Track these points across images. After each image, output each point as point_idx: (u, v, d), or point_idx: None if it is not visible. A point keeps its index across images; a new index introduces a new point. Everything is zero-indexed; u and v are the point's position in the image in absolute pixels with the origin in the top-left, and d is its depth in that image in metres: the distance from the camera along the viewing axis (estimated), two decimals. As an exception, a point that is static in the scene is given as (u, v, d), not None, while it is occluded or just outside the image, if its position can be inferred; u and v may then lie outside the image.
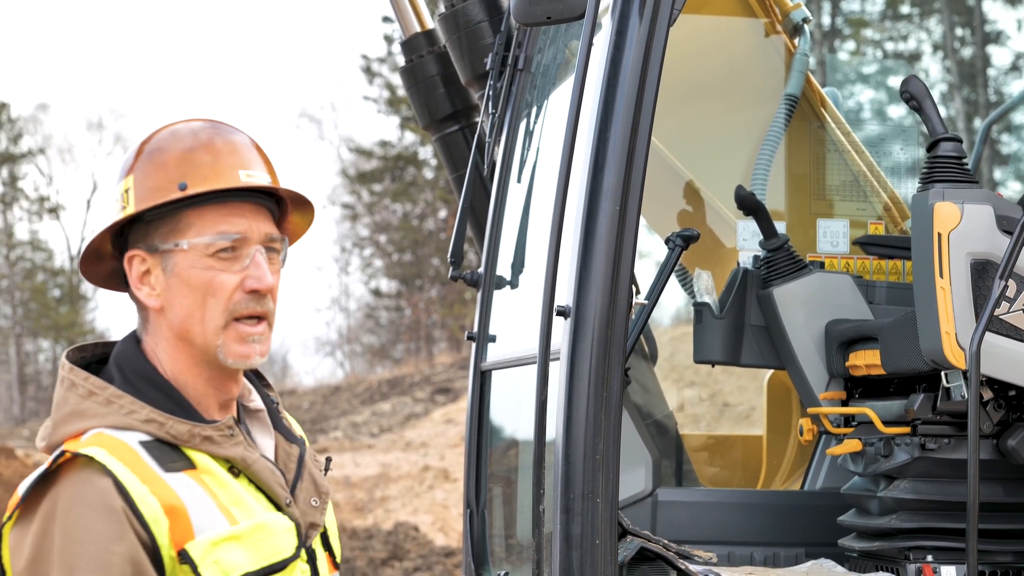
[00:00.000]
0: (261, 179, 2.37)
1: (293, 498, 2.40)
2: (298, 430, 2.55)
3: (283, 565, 2.33)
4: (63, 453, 2.24)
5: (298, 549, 2.36)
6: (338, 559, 2.52)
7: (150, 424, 2.29)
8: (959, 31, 30.97)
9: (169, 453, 2.29)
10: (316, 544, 2.44)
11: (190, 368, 2.37)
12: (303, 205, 2.46)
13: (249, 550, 2.29)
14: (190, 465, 2.30)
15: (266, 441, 2.45)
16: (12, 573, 2.25)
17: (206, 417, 2.37)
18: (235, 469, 2.35)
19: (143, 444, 2.27)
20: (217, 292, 2.33)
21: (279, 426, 2.48)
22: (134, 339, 2.41)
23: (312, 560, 2.41)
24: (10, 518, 2.27)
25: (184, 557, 2.23)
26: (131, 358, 2.37)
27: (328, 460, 2.52)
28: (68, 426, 2.31)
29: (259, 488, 2.36)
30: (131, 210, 2.33)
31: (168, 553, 2.23)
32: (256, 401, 2.47)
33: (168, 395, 2.34)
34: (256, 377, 2.56)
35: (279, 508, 2.37)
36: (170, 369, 2.38)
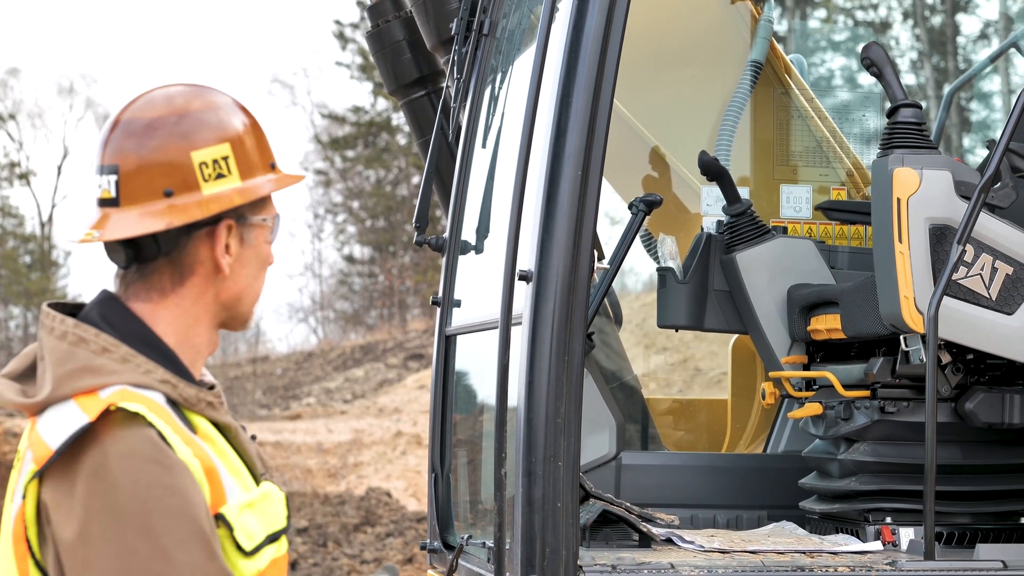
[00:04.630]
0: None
1: None
2: None
3: (279, 535, 2.32)
4: (108, 407, 2.15)
5: (288, 519, 2.36)
6: None
7: (165, 384, 2.24)
8: (929, -1, 31.03)
9: (181, 416, 2.25)
10: None
11: (204, 333, 2.36)
12: None
13: (260, 517, 2.28)
14: (194, 430, 2.26)
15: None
16: (56, 539, 2.14)
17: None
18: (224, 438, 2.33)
19: (167, 404, 2.23)
20: (268, 264, 2.41)
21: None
22: (116, 301, 2.34)
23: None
24: (38, 475, 2.16)
25: (220, 520, 2.20)
26: (125, 319, 2.31)
27: (253, 438, 2.49)
28: (79, 381, 2.21)
29: (240, 458, 2.34)
30: (235, 180, 2.33)
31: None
32: (208, 376, 2.44)
33: (168, 358, 2.29)
34: None
35: (256, 479, 2.35)
36: (172, 333, 2.33)
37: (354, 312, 44.26)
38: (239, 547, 2.22)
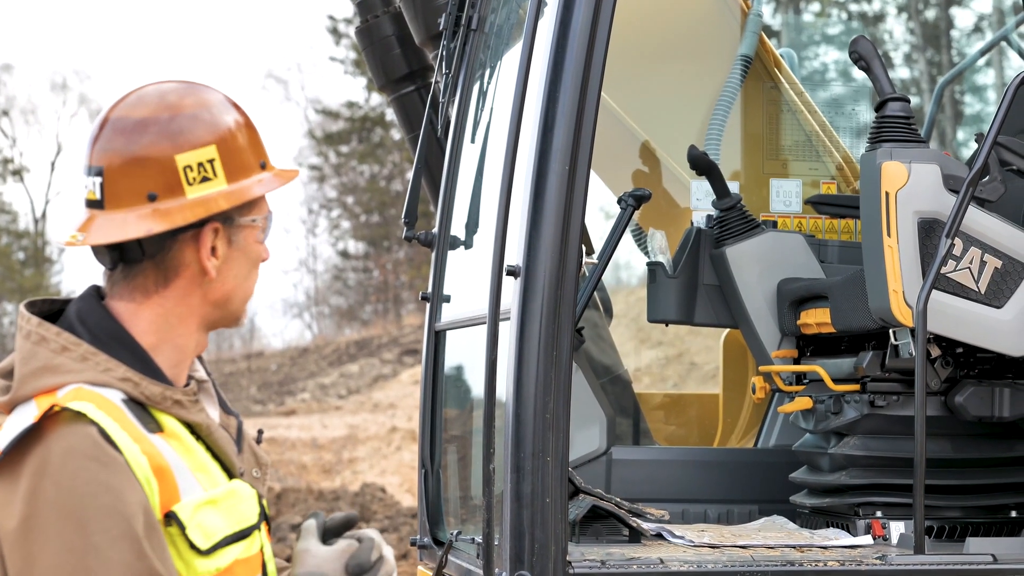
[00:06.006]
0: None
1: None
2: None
3: (248, 532, 2.32)
4: (51, 407, 2.17)
5: (260, 517, 2.36)
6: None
7: (125, 383, 2.24)
8: (923, -8, 31.04)
9: (143, 414, 2.25)
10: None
11: (189, 333, 2.35)
12: None
13: (224, 515, 2.28)
14: (159, 428, 2.26)
15: (213, 412, 2.43)
16: (0, 535, 2.17)
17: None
18: (195, 435, 2.33)
19: (124, 402, 2.23)
20: (261, 261, 2.39)
21: (220, 397, 2.48)
22: (97, 299, 2.34)
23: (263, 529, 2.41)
24: None
25: (171, 519, 2.20)
26: (98, 317, 2.31)
27: (260, 432, 2.51)
28: (39, 381, 2.24)
29: (215, 456, 2.34)
30: (221, 183, 2.30)
31: (157, 516, 2.19)
32: (201, 372, 2.45)
33: (137, 356, 2.29)
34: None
35: (231, 477, 2.35)
36: (152, 333, 2.33)
37: (349, 307, 44.29)
38: (193, 545, 2.22)
